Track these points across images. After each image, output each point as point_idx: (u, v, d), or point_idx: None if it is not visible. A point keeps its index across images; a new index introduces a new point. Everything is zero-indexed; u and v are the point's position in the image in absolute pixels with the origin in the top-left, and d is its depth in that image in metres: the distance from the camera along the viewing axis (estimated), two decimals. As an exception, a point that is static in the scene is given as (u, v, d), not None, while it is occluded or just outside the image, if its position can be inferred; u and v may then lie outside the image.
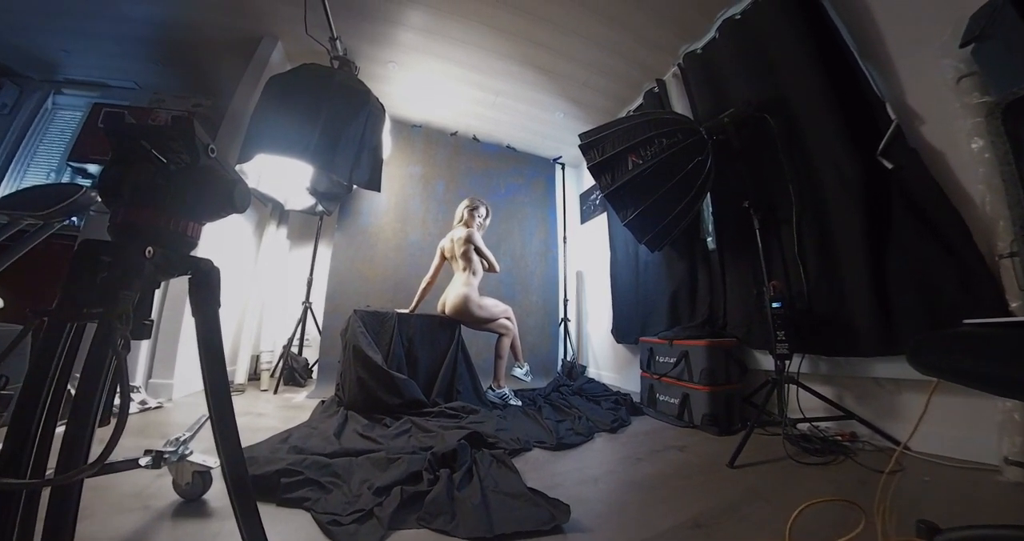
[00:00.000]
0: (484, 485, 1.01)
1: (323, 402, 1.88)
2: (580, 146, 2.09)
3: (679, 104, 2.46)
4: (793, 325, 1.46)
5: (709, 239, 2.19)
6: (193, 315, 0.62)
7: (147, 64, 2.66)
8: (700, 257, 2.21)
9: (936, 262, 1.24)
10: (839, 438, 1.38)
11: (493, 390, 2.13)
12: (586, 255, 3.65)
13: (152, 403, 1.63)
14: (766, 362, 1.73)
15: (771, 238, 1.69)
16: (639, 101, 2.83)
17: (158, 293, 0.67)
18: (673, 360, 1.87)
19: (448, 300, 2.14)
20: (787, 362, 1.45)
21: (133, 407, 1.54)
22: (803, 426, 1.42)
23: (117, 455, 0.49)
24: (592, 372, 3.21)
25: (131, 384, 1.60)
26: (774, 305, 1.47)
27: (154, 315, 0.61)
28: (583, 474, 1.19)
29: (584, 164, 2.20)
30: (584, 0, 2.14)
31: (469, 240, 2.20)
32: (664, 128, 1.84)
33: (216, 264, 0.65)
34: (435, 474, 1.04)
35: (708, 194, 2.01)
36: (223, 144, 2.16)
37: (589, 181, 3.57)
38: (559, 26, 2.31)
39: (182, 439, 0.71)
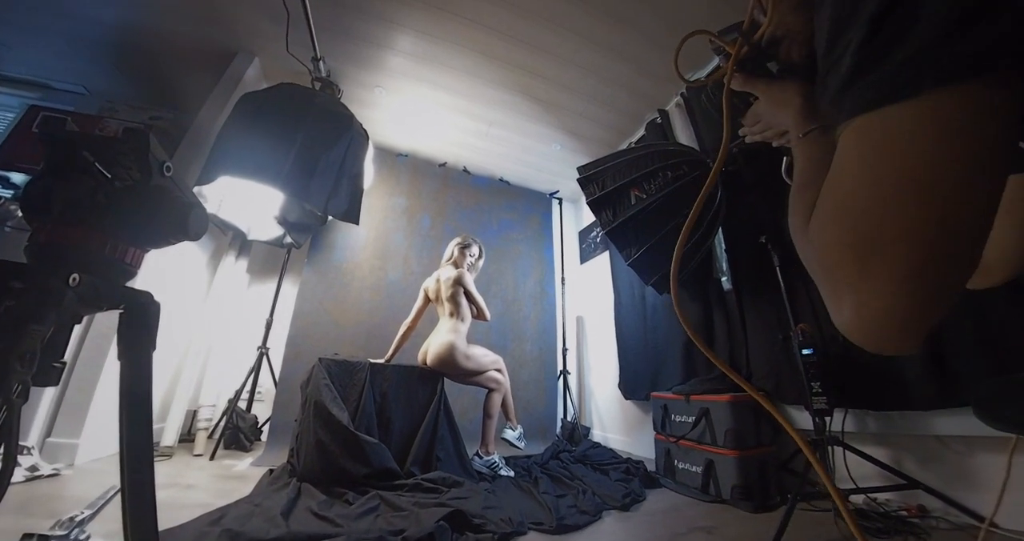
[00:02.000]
0: (467, 582, 0.91)
1: (271, 471, 1.75)
2: (578, 180, 2.16)
3: (683, 135, 2.62)
4: (830, 375, 1.43)
5: (724, 278, 2.22)
6: (119, 358, 0.58)
7: (101, 68, 2.67)
8: (715, 298, 2.22)
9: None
10: (905, 513, 1.30)
11: (480, 457, 2.02)
12: (587, 298, 3.65)
13: (45, 469, 1.46)
14: (802, 420, 1.67)
15: (794, 275, 1.71)
16: (640, 132, 3.00)
17: (77, 330, 0.62)
18: (691, 419, 1.81)
19: (431, 348, 2.09)
20: (828, 419, 1.40)
21: (18, 474, 1.36)
22: (857, 498, 1.34)
23: None
24: (597, 435, 3.08)
25: (21, 444, 1.46)
26: (804, 352, 1.45)
27: (68, 356, 0.56)
28: (591, 566, 1.09)
29: (583, 199, 2.26)
30: (582, 30, 2.35)
31: (459, 281, 2.19)
32: (669, 160, 1.92)
33: (156, 298, 0.62)
34: (406, 567, 0.94)
35: (720, 230, 2.06)
36: (182, 162, 2.18)
37: (589, 217, 3.67)
38: (556, 55, 2.51)
39: (78, 519, 0.62)
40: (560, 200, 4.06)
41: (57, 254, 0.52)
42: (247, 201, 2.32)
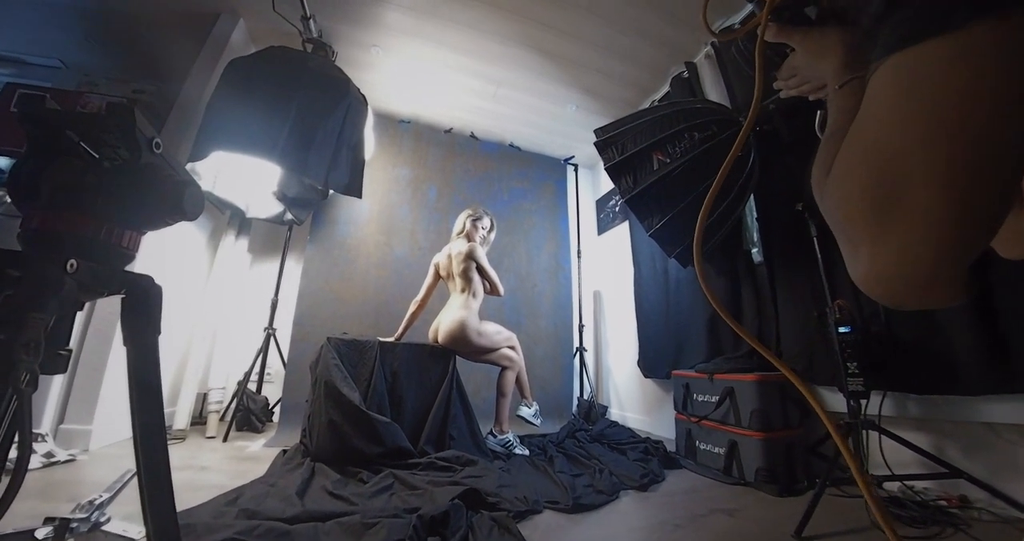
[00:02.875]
0: (483, 560, 0.97)
1: (285, 452, 1.84)
2: (595, 143, 2.11)
3: (713, 91, 2.50)
4: (868, 355, 1.42)
5: (754, 250, 2.18)
6: (125, 344, 0.61)
7: (75, 38, 2.61)
8: (744, 272, 2.19)
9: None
10: (944, 503, 1.30)
11: (494, 436, 2.09)
12: (605, 272, 3.64)
13: (61, 456, 1.57)
14: (835, 402, 1.68)
15: (833, 247, 1.65)
16: (665, 89, 2.88)
17: (80, 316, 0.65)
18: (715, 399, 1.83)
19: (442, 326, 2.13)
20: (863, 402, 1.40)
21: (35, 461, 1.47)
22: (892, 485, 1.34)
23: (5, 525, 0.46)
24: (615, 414, 3.15)
25: (34, 431, 1.55)
26: (841, 330, 1.44)
27: (73, 344, 0.59)
28: (607, 545, 1.14)
29: (600, 164, 2.21)
30: (599, -27, 2.21)
31: (471, 256, 2.20)
32: (696, 120, 1.85)
33: (157, 282, 0.63)
34: (421, 545, 1.01)
35: (751, 196, 2.00)
36: (171, 138, 2.19)
37: (607, 185, 3.60)
38: (569, 4, 2.38)
39: (97, 502, 0.67)
40: (576, 166, 3.97)
41: (52, 240, 0.53)
42: (243, 177, 2.33)
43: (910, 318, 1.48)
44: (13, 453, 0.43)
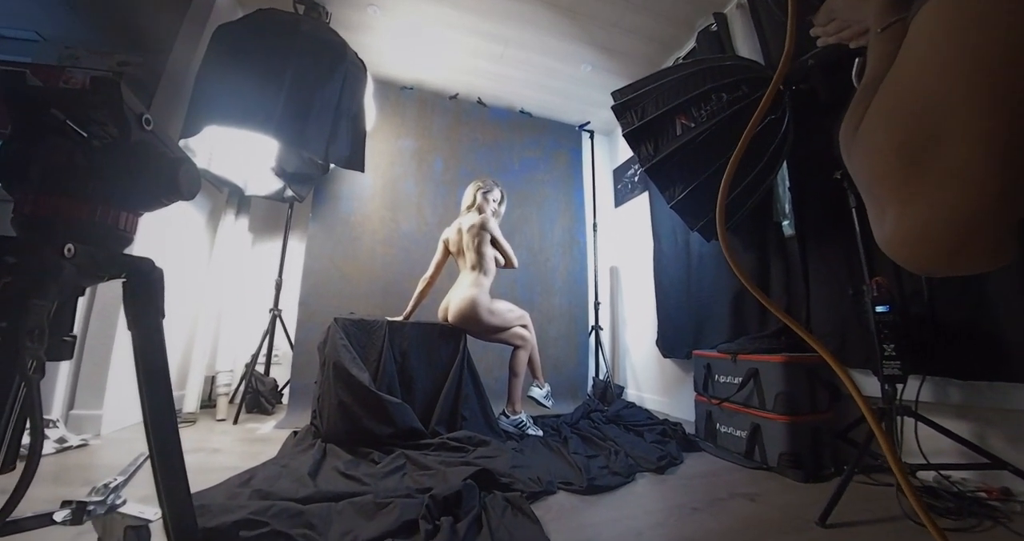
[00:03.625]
0: (496, 538, 1.01)
1: (295, 433, 1.92)
2: (613, 107, 2.05)
3: (745, 46, 2.38)
4: (907, 337, 1.39)
5: (785, 223, 2.13)
6: (129, 328, 0.62)
7: (50, 8, 2.54)
8: (774, 246, 2.15)
9: None
10: (983, 495, 1.29)
11: (507, 416, 2.14)
12: (622, 246, 3.62)
13: (74, 441, 1.65)
14: (869, 386, 1.66)
15: (872, 219, 1.62)
16: (691, 45, 2.77)
17: (82, 301, 0.67)
18: (738, 380, 1.83)
19: (452, 304, 2.15)
20: (900, 387, 1.38)
21: (48, 447, 1.55)
22: (927, 475, 1.33)
23: (24, 509, 0.49)
24: (631, 394, 3.19)
25: (46, 418, 1.62)
26: (879, 309, 1.40)
27: (77, 329, 0.61)
28: (622, 526, 1.17)
29: (618, 130, 2.15)
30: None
31: (484, 227, 2.20)
32: (724, 79, 1.78)
33: (158, 264, 0.65)
34: (434, 523, 1.05)
35: (784, 163, 1.94)
36: (161, 113, 2.17)
37: (625, 153, 3.52)
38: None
39: (112, 485, 0.72)
40: (591, 133, 3.88)
41: (47, 225, 0.54)
42: (240, 153, 2.33)
43: (957, 298, 1.44)
44: (26, 439, 0.45)
